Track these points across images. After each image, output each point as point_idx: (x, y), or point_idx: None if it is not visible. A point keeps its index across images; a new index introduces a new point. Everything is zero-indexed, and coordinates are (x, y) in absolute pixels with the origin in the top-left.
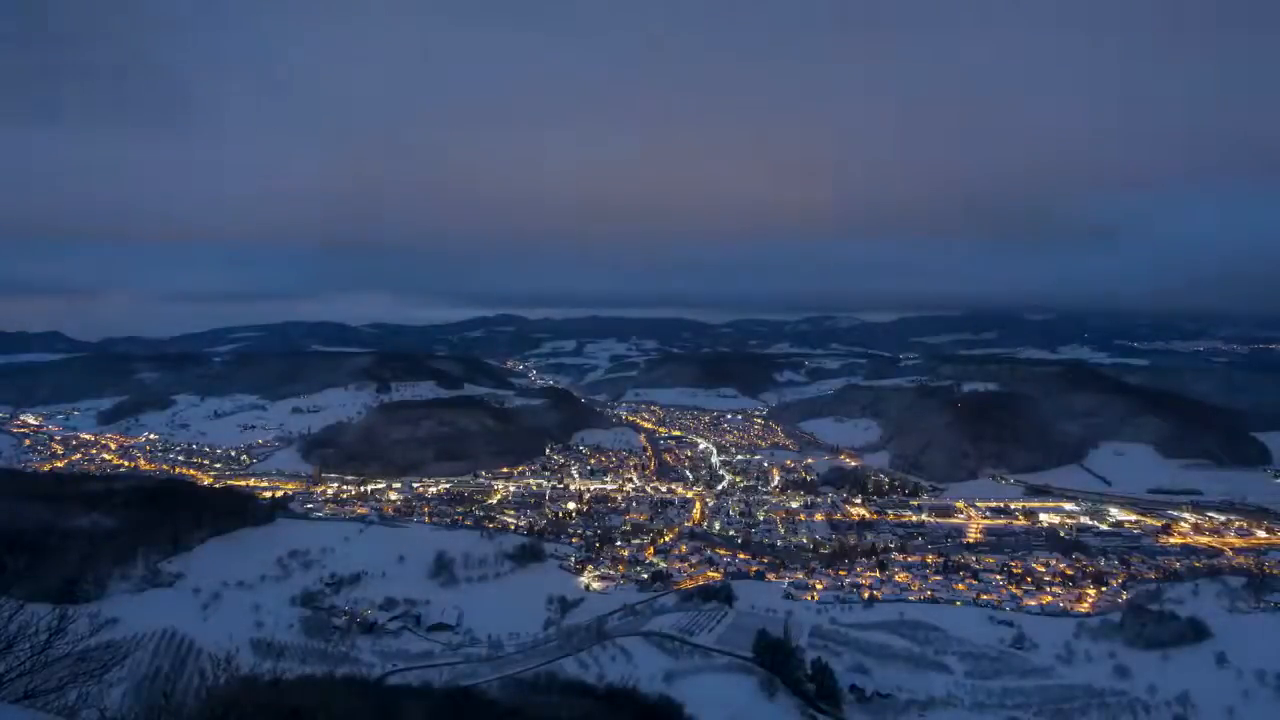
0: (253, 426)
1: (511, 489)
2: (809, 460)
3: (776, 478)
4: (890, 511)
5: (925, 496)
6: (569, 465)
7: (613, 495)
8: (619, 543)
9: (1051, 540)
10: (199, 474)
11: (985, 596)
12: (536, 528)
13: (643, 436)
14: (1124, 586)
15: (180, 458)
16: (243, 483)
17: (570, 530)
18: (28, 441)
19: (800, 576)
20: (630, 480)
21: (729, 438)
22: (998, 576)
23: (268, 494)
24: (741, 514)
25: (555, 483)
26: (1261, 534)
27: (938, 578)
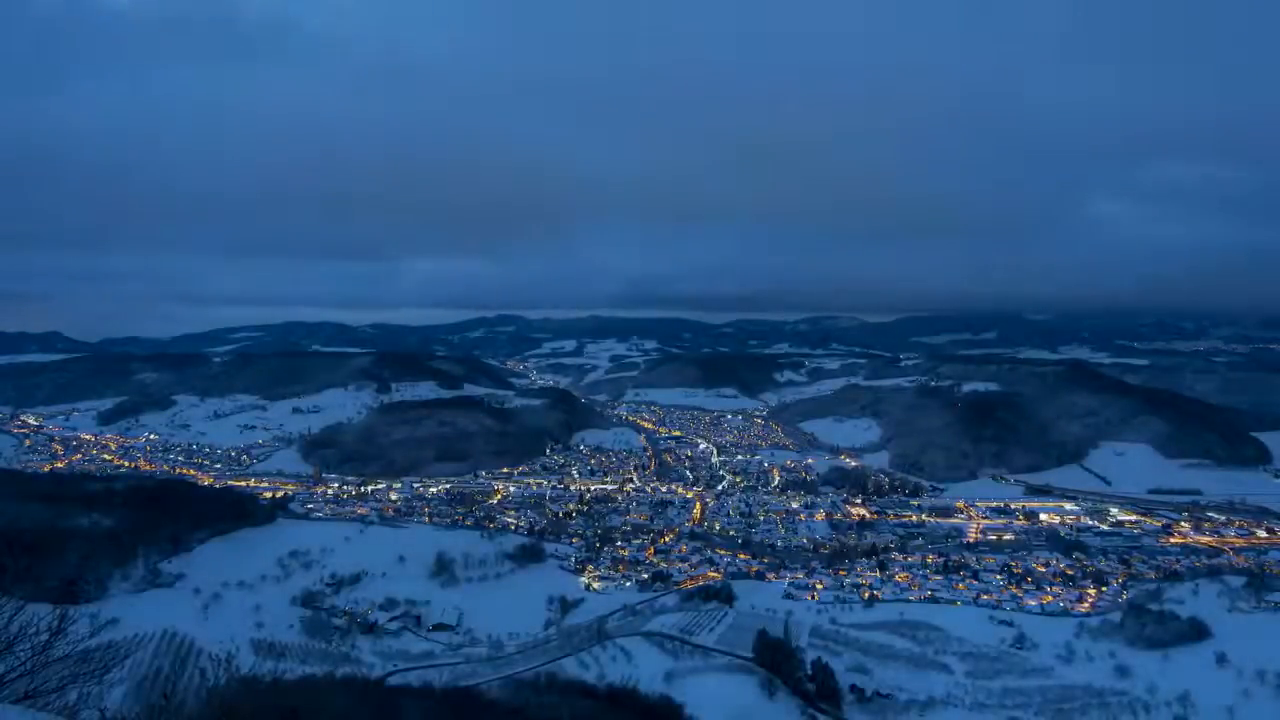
0: (253, 427)
1: (512, 489)
2: (809, 460)
3: (776, 478)
4: (890, 511)
5: (925, 496)
6: (569, 465)
7: (613, 495)
8: (619, 543)
9: (1052, 540)
10: (199, 474)
11: (985, 596)
12: (537, 528)
13: (643, 436)
14: (1124, 586)
15: (180, 458)
16: (243, 483)
17: (570, 530)
18: (28, 442)
19: (800, 576)
20: (630, 480)
21: (729, 438)
22: (998, 576)
23: (268, 494)
24: (741, 514)
25: (555, 483)
26: (1261, 534)
27: (938, 578)
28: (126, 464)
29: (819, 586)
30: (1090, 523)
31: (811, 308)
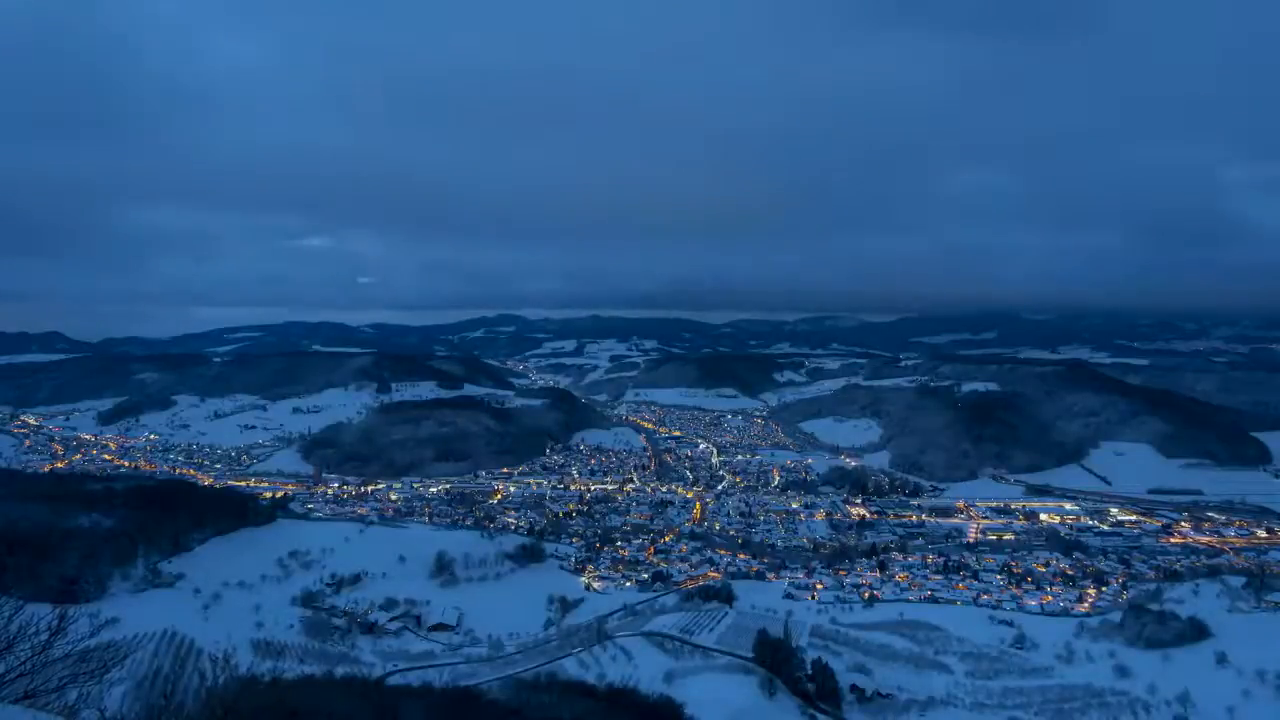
0: (253, 427)
1: (512, 489)
2: (809, 460)
3: (776, 478)
4: (890, 511)
5: (925, 496)
6: (569, 465)
7: (613, 495)
8: (619, 543)
9: (1052, 540)
10: (199, 474)
11: (985, 596)
12: (537, 528)
13: (643, 436)
14: (1124, 586)
15: (180, 458)
16: (243, 483)
17: (570, 530)
18: (28, 442)
19: (800, 576)
20: (630, 480)
21: (729, 438)
22: (998, 576)
23: (268, 494)
24: (741, 514)
25: (555, 483)
26: (1261, 534)
27: (938, 578)
28: (126, 464)
29: (819, 586)
30: (1090, 523)
31: (812, 308)
